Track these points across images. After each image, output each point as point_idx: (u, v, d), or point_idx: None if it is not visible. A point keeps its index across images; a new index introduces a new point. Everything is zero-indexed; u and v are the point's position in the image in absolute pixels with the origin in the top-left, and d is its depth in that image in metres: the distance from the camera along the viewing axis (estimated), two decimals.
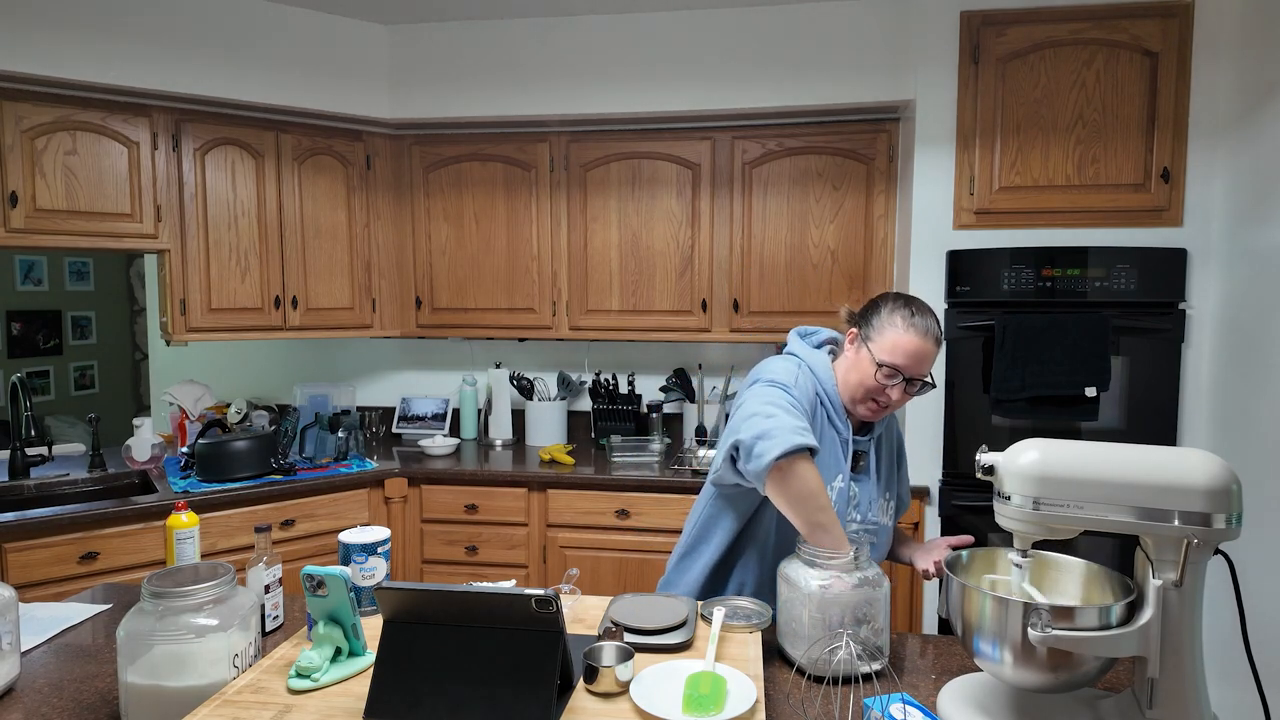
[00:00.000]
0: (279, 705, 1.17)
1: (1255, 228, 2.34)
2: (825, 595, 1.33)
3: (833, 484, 1.57)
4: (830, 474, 1.57)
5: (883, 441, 1.68)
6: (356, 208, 3.27)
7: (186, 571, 1.28)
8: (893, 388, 1.52)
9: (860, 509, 1.61)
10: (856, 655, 1.29)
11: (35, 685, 1.36)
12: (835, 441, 1.59)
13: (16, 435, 2.76)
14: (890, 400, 1.54)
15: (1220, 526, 1.04)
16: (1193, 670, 1.08)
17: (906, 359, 1.51)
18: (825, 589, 1.33)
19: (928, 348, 1.52)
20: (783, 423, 1.42)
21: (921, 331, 1.52)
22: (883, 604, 1.36)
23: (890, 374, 1.52)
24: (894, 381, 1.52)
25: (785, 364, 1.60)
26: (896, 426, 1.78)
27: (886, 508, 1.68)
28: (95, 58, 2.65)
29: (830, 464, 1.57)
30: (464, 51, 3.14)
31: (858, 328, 1.60)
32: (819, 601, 1.33)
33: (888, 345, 1.52)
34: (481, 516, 3.03)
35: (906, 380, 1.53)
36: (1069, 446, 1.13)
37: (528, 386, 3.48)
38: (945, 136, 2.68)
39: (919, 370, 1.52)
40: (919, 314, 1.54)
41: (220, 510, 2.69)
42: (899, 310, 1.55)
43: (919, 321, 1.53)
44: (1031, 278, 2.60)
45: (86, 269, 5.36)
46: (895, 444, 1.76)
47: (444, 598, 1.16)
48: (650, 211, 3.19)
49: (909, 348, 1.51)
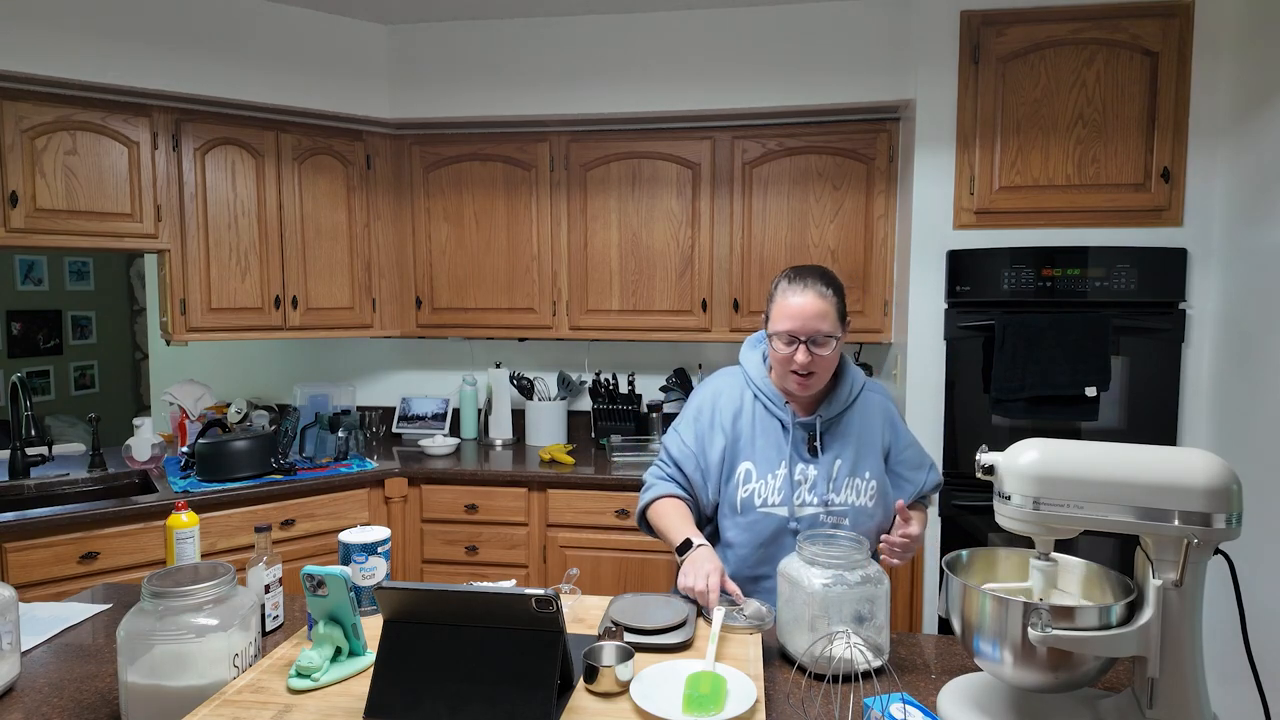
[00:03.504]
0: (279, 705, 1.17)
1: (1255, 228, 2.34)
2: (828, 594, 1.33)
3: (775, 472, 1.63)
4: (771, 463, 1.64)
5: (847, 421, 1.68)
6: (356, 207, 3.27)
7: (186, 571, 1.28)
8: (796, 352, 1.58)
9: (816, 491, 1.63)
10: (857, 650, 1.30)
11: (35, 685, 1.36)
12: (775, 430, 1.66)
13: (16, 435, 2.76)
14: (802, 364, 1.59)
15: (1220, 526, 1.04)
16: (1193, 670, 1.08)
17: (791, 320, 1.58)
18: (828, 588, 1.33)
19: (808, 302, 1.57)
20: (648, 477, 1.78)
21: (799, 290, 1.59)
22: (883, 602, 1.36)
23: (787, 340, 1.59)
24: (792, 347, 1.58)
25: (716, 381, 1.77)
26: (880, 403, 1.74)
27: (861, 488, 1.65)
28: (95, 58, 2.64)
29: (771, 454, 1.65)
30: (464, 51, 3.14)
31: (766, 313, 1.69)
32: (822, 600, 1.33)
33: (776, 315, 1.61)
34: (481, 516, 3.03)
35: (805, 342, 1.57)
36: (1069, 446, 1.13)
37: (528, 386, 3.48)
38: (945, 136, 2.68)
39: (809, 327, 1.57)
40: (798, 276, 1.62)
41: (220, 510, 2.69)
42: (780, 281, 1.64)
43: (796, 282, 1.60)
44: (1031, 277, 2.60)
45: (86, 269, 5.36)
46: (880, 422, 1.71)
47: (444, 598, 1.16)
48: (650, 211, 3.19)
49: (790, 309, 1.58)
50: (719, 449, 1.68)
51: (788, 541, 1.63)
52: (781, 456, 1.64)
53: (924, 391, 2.74)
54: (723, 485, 1.69)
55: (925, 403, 2.74)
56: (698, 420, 1.72)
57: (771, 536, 1.64)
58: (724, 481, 1.69)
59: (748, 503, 1.65)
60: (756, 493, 1.64)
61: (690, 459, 1.70)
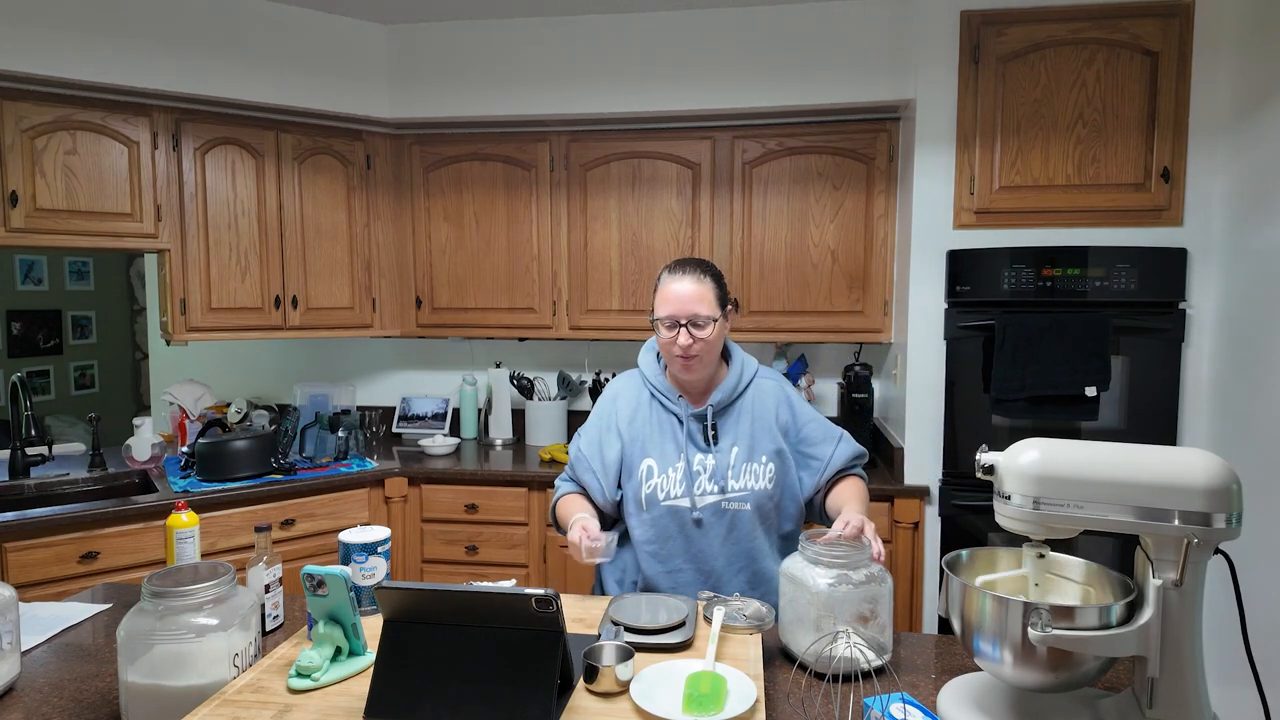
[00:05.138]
0: (279, 705, 1.17)
1: (1255, 228, 2.33)
2: (833, 594, 1.33)
3: (675, 465, 1.68)
4: (670, 457, 1.70)
5: (739, 408, 1.73)
6: (356, 207, 3.27)
7: (186, 571, 1.28)
8: (678, 335, 1.64)
9: (716, 479, 1.68)
10: (859, 650, 1.30)
11: (35, 685, 1.36)
12: (671, 425, 1.73)
13: (16, 435, 2.76)
14: (684, 346, 1.65)
15: (1220, 526, 1.04)
16: (1193, 670, 1.08)
17: (671, 305, 1.65)
18: (833, 588, 1.33)
19: (684, 287, 1.65)
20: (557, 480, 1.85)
21: (678, 278, 1.67)
22: (886, 601, 1.36)
23: (668, 325, 1.66)
24: (674, 331, 1.65)
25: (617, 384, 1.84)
26: (773, 389, 1.77)
27: (760, 472, 1.69)
28: (95, 58, 2.64)
29: (669, 449, 1.71)
30: (464, 51, 3.14)
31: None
32: (826, 600, 1.33)
33: (658, 303, 1.68)
34: (481, 516, 3.02)
35: (685, 325, 1.64)
36: (1069, 446, 1.13)
37: (528, 386, 3.48)
38: (945, 136, 2.68)
39: (688, 310, 1.64)
40: (677, 266, 1.70)
41: (220, 510, 2.69)
42: (662, 273, 1.72)
43: (676, 271, 1.69)
44: (1031, 277, 2.60)
45: (86, 269, 5.36)
46: (773, 406, 1.75)
47: (444, 597, 1.16)
48: (650, 211, 3.19)
49: (669, 296, 1.66)
50: (615, 450, 1.75)
51: (693, 532, 1.68)
52: (679, 449, 1.70)
53: (924, 391, 2.74)
54: (625, 483, 1.74)
55: (925, 403, 2.74)
56: (596, 424, 1.81)
57: (677, 529, 1.70)
58: (626, 479, 1.74)
59: (651, 498, 1.70)
60: (659, 487, 1.69)
61: (582, 461, 1.79)
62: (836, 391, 3.36)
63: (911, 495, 2.75)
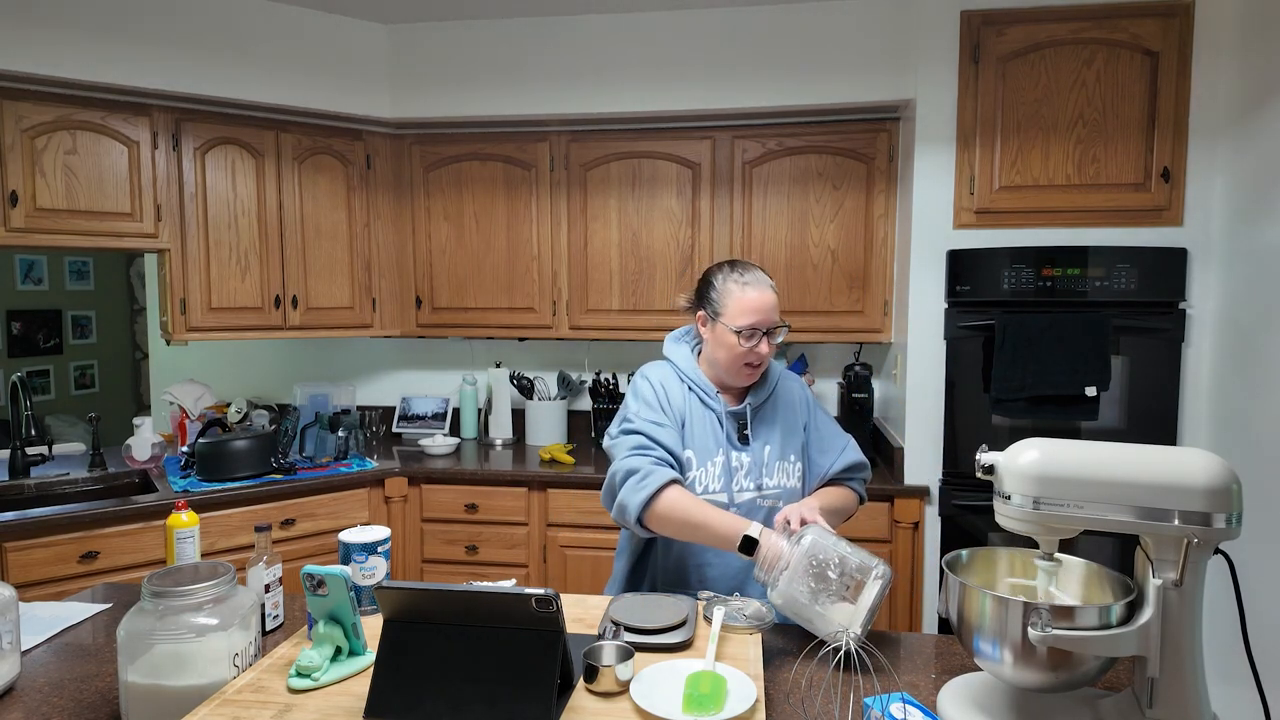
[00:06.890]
0: (279, 704, 1.17)
1: (1255, 228, 2.33)
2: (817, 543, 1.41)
3: (713, 460, 1.68)
4: (709, 452, 1.69)
5: (771, 408, 1.75)
6: (356, 207, 3.27)
7: (186, 571, 1.28)
8: (759, 345, 1.65)
9: (752, 477, 1.70)
10: (856, 652, 1.30)
11: (35, 685, 1.36)
12: (711, 420, 1.71)
13: (16, 435, 2.76)
14: (765, 355, 1.67)
15: (1220, 526, 1.04)
16: (1193, 670, 1.08)
17: (757, 315, 1.65)
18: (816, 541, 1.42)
19: (768, 296, 1.67)
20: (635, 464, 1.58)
21: (757, 286, 1.67)
22: (877, 585, 1.38)
23: (750, 335, 1.65)
24: (753, 340, 1.65)
25: (653, 372, 1.75)
26: (798, 390, 1.81)
27: (790, 470, 1.73)
28: (95, 58, 2.64)
29: (709, 443, 1.69)
30: (464, 51, 3.14)
31: (703, 309, 1.73)
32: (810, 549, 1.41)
33: (736, 311, 1.65)
34: (481, 516, 3.02)
35: (766, 333, 1.66)
36: (1069, 446, 1.13)
37: (528, 386, 3.48)
38: (945, 136, 2.68)
39: (772, 319, 1.67)
40: (747, 270, 1.70)
41: (220, 510, 2.69)
42: (729, 276, 1.69)
43: (751, 277, 1.68)
44: (1031, 277, 2.60)
45: (86, 268, 5.36)
46: (798, 407, 1.79)
47: (444, 597, 1.16)
48: (650, 211, 3.19)
49: (754, 304, 1.65)
50: (675, 427, 1.71)
51: None
52: (719, 445, 1.70)
53: (924, 391, 2.74)
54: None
55: (925, 403, 2.74)
56: (657, 404, 1.70)
57: None
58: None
59: (689, 490, 1.69)
60: (697, 480, 1.69)
61: (660, 426, 1.65)
62: (836, 391, 3.36)
63: (911, 495, 2.75)
